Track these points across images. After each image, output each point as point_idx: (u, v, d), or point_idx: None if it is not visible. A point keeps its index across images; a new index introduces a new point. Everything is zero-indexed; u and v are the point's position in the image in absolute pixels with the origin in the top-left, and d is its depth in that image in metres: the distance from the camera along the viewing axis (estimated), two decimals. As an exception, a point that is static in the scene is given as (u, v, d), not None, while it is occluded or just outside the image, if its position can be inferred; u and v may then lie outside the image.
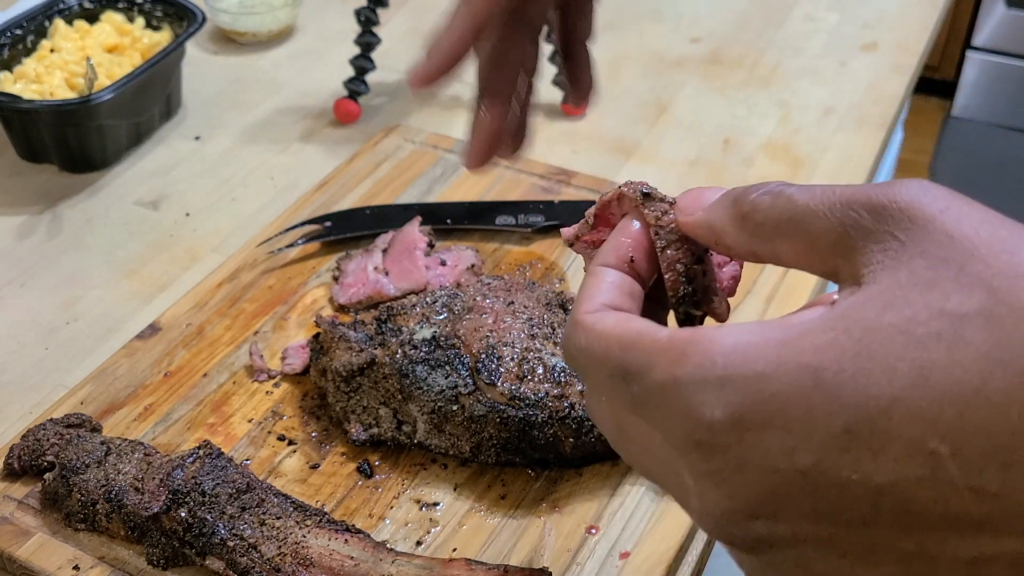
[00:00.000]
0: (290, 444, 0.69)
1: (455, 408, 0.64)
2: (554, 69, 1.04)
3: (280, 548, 0.58)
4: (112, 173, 0.98)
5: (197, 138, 1.03)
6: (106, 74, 0.97)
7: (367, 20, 1.02)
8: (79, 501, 0.62)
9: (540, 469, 0.67)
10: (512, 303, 0.69)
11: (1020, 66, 2.83)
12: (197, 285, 0.82)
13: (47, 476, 0.64)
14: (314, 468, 0.67)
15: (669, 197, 0.42)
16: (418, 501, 0.65)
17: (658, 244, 0.41)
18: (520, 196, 0.91)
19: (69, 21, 1.03)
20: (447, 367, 0.65)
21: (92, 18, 1.04)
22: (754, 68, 1.13)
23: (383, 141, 0.98)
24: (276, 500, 0.61)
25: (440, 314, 0.69)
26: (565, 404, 0.64)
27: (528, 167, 0.94)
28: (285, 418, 0.71)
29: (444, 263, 0.81)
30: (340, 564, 0.57)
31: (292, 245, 0.85)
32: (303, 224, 0.86)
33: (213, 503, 0.59)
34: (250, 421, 0.70)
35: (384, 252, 0.82)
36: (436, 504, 0.65)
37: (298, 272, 0.83)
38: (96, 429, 0.69)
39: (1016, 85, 2.87)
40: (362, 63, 1.04)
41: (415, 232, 0.82)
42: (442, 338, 0.67)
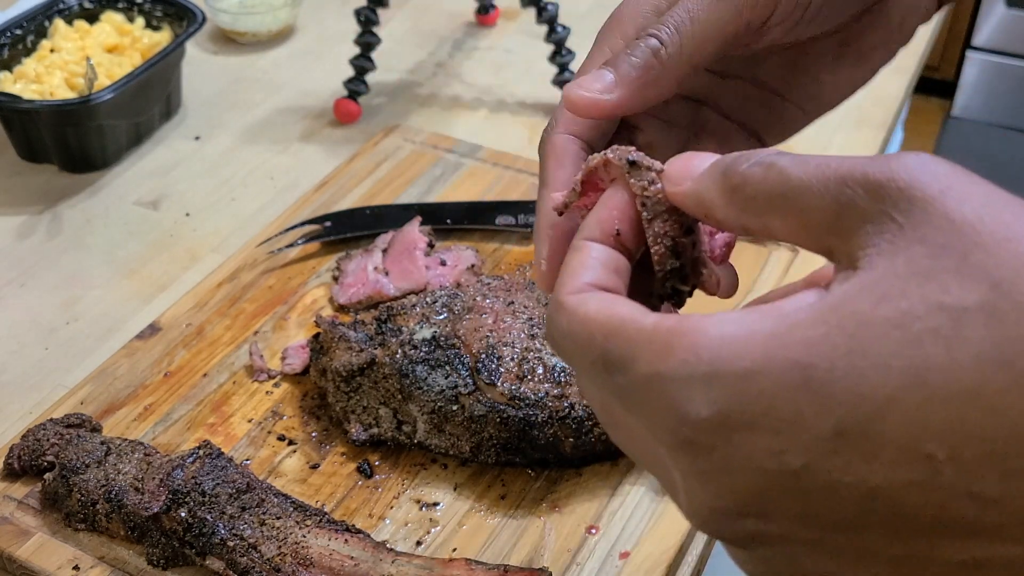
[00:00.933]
0: (290, 444, 0.69)
1: (455, 408, 0.64)
2: (554, 69, 1.04)
3: (280, 548, 0.58)
4: (112, 173, 0.98)
5: (197, 138, 1.03)
6: (106, 74, 0.97)
7: (367, 20, 1.02)
8: (79, 501, 0.62)
9: (540, 469, 0.67)
10: (512, 303, 0.69)
11: (1020, 66, 2.83)
12: (197, 285, 0.82)
13: (47, 476, 0.64)
14: (314, 468, 0.67)
15: (657, 165, 0.39)
16: (418, 501, 0.65)
17: (644, 216, 0.38)
18: (520, 196, 0.91)
19: (69, 21, 1.03)
20: (447, 367, 0.65)
21: (92, 18, 1.04)
22: (754, 68, 1.13)
23: (383, 141, 0.98)
24: (276, 500, 0.61)
25: (440, 314, 0.69)
26: (565, 404, 0.64)
27: (528, 167, 0.94)
28: (285, 418, 0.71)
29: (444, 263, 0.81)
30: (340, 564, 0.57)
31: (292, 245, 0.85)
32: (303, 224, 0.86)
33: (213, 503, 0.59)
34: (250, 421, 0.70)
35: (384, 252, 0.82)
36: (436, 504, 0.65)
37: (298, 272, 0.83)
38: (96, 429, 0.69)
39: (1016, 85, 2.87)
40: (362, 63, 1.04)
41: (415, 232, 0.82)
42: (442, 338, 0.67)
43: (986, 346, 0.27)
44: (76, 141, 0.94)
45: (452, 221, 0.87)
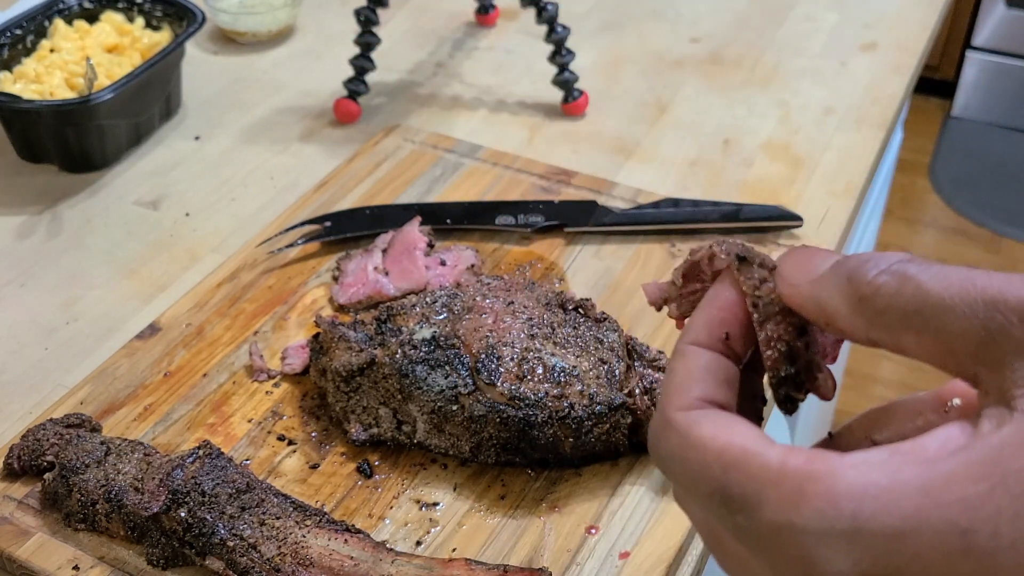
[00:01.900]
0: (290, 444, 0.69)
1: (455, 408, 0.64)
2: (554, 69, 1.04)
3: (280, 548, 0.58)
4: (112, 173, 0.98)
5: (197, 138, 1.03)
6: (106, 74, 0.97)
7: (367, 20, 1.02)
8: (79, 501, 0.62)
9: (540, 469, 0.67)
10: (512, 303, 0.69)
11: (1020, 66, 2.83)
12: (197, 285, 0.82)
13: (47, 476, 0.64)
14: (314, 468, 0.67)
15: (770, 261, 0.36)
16: (418, 501, 0.65)
17: (756, 318, 0.35)
18: (520, 196, 0.91)
19: (69, 21, 1.03)
20: (447, 367, 0.65)
21: (92, 18, 1.04)
22: (754, 68, 1.13)
23: (383, 141, 0.98)
24: (276, 500, 0.61)
25: (440, 314, 0.69)
26: (565, 404, 0.64)
27: (528, 167, 0.94)
28: (285, 418, 0.71)
29: (444, 263, 0.81)
30: (340, 564, 0.57)
31: (292, 245, 0.85)
32: (303, 224, 0.86)
33: (213, 503, 0.59)
34: (250, 421, 0.70)
35: (384, 252, 0.82)
36: (436, 504, 0.65)
37: (298, 272, 0.83)
38: (96, 429, 0.69)
39: (1016, 85, 2.87)
40: (362, 63, 1.04)
41: (415, 232, 0.82)
42: (442, 338, 0.67)
43: None
44: (76, 141, 0.94)
45: (452, 221, 0.87)
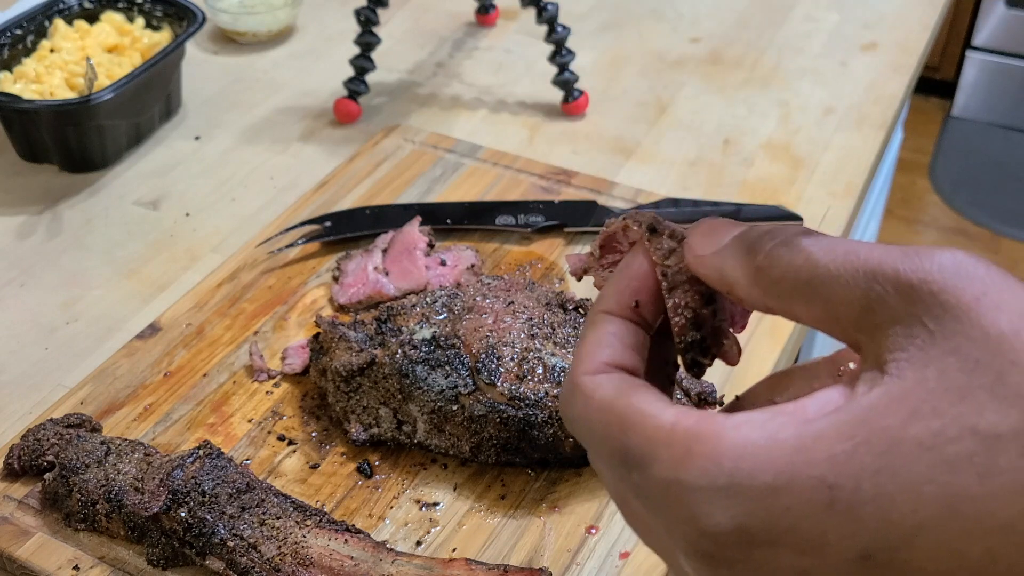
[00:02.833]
0: (290, 444, 0.69)
1: (455, 408, 0.64)
2: (554, 69, 1.04)
3: (280, 548, 0.58)
4: (112, 173, 0.98)
5: (197, 138, 1.03)
6: (106, 74, 0.97)
7: (367, 20, 1.02)
8: (79, 501, 0.62)
9: (540, 469, 0.67)
10: (512, 303, 0.69)
11: (1020, 66, 2.83)
12: (197, 285, 0.82)
13: (47, 476, 0.64)
14: (314, 468, 0.67)
15: (679, 232, 0.38)
16: (418, 501, 0.65)
17: (664, 286, 0.37)
18: (520, 196, 0.91)
19: (69, 21, 1.03)
20: (447, 367, 0.65)
21: (92, 18, 1.04)
22: (754, 68, 1.13)
23: (383, 141, 0.98)
24: (276, 500, 0.61)
25: (440, 314, 0.69)
26: (565, 404, 0.64)
27: (528, 167, 0.94)
28: (285, 418, 0.71)
29: (444, 263, 0.81)
30: (340, 564, 0.57)
31: (292, 245, 0.85)
32: (303, 224, 0.86)
33: (213, 503, 0.59)
34: (250, 421, 0.70)
35: (384, 252, 0.82)
36: (436, 504, 0.65)
37: (298, 272, 0.83)
38: (96, 429, 0.69)
39: (1016, 85, 2.87)
40: (362, 63, 1.04)
41: (415, 232, 0.82)
42: (442, 338, 0.67)
43: (1021, 477, 0.26)
44: (76, 141, 0.94)
45: (452, 221, 0.87)
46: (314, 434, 0.70)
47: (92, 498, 0.61)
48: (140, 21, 1.04)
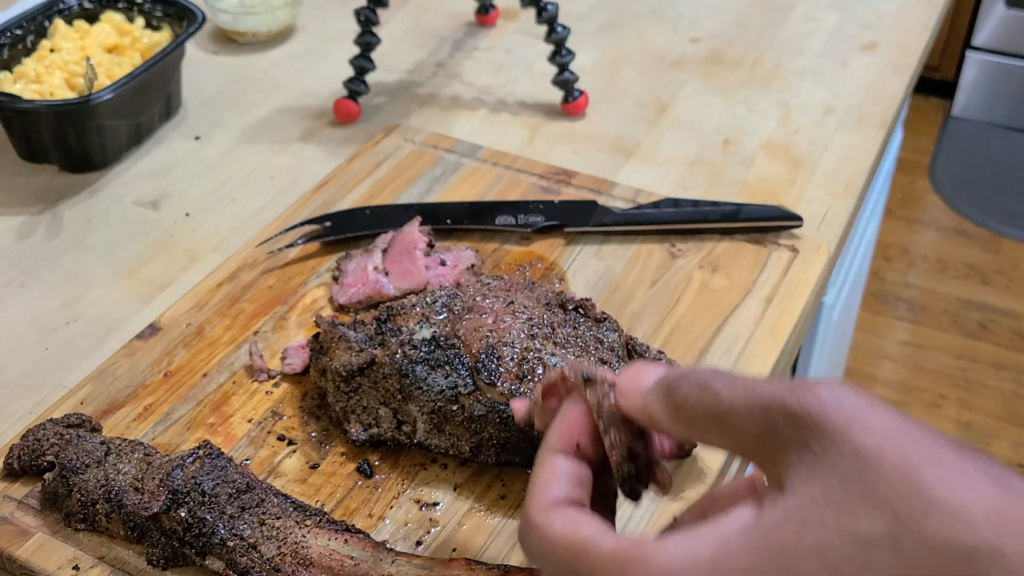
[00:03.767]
0: (290, 444, 0.69)
1: (455, 408, 0.64)
2: (554, 69, 1.04)
3: (280, 548, 0.58)
4: (112, 173, 0.98)
5: (197, 138, 1.03)
6: (106, 74, 0.97)
7: (367, 20, 1.02)
8: (79, 501, 0.62)
9: (540, 469, 0.67)
10: (512, 303, 0.69)
11: (1020, 66, 2.83)
12: (197, 285, 0.82)
13: (47, 476, 0.64)
14: (314, 468, 0.67)
15: (611, 378, 0.43)
16: (418, 501, 0.65)
17: (600, 426, 0.42)
18: (520, 196, 0.91)
19: (69, 21, 1.03)
20: (447, 367, 0.65)
21: (92, 18, 1.04)
22: (754, 68, 1.13)
23: (383, 141, 0.98)
24: (276, 500, 0.61)
25: (440, 314, 0.69)
26: (565, 404, 0.64)
27: (528, 167, 0.94)
28: (285, 418, 0.71)
29: (444, 263, 0.81)
30: (340, 564, 0.57)
31: (292, 245, 0.85)
32: (303, 224, 0.86)
33: (213, 503, 0.59)
34: (250, 421, 0.70)
35: (384, 252, 0.82)
36: (436, 504, 0.65)
37: (298, 272, 0.83)
38: (96, 429, 0.69)
39: (1016, 85, 2.87)
40: (362, 63, 1.04)
41: (415, 232, 0.82)
42: (442, 338, 0.67)
43: (892, 571, 0.31)
44: (76, 141, 0.94)
45: (452, 221, 0.87)
46: (314, 434, 0.70)
47: (92, 498, 0.61)
48: (140, 21, 1.04)
